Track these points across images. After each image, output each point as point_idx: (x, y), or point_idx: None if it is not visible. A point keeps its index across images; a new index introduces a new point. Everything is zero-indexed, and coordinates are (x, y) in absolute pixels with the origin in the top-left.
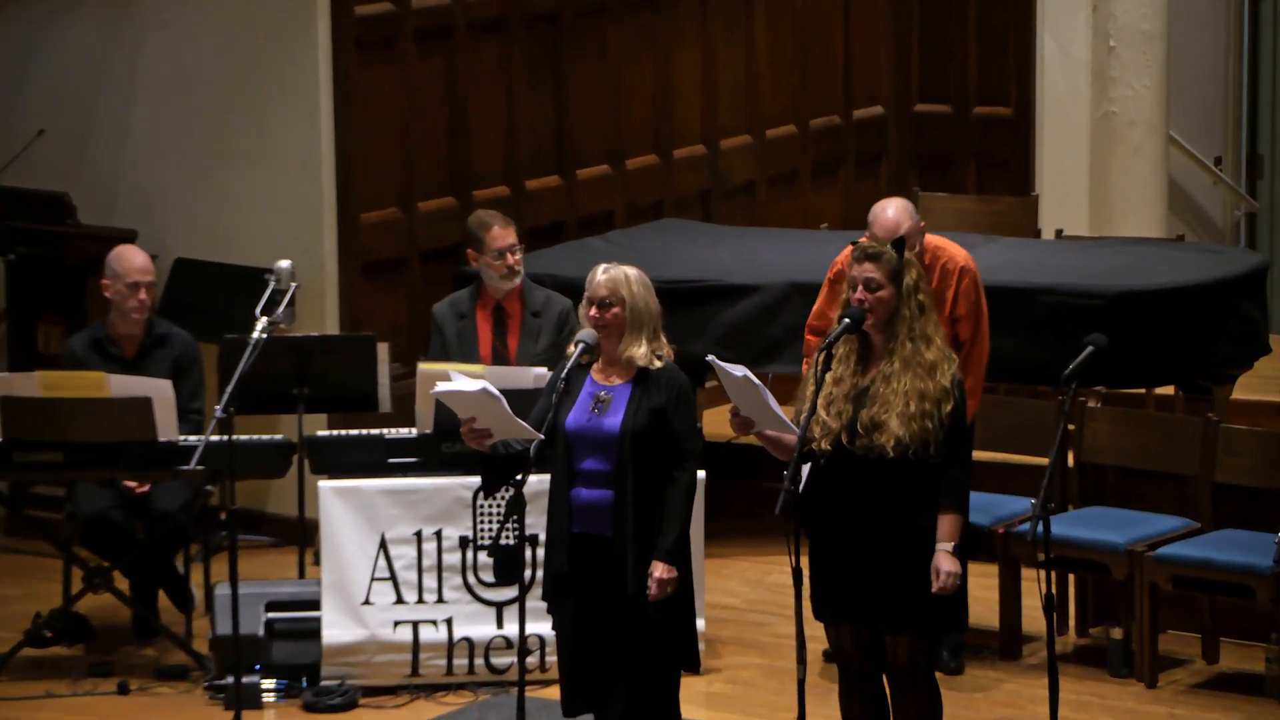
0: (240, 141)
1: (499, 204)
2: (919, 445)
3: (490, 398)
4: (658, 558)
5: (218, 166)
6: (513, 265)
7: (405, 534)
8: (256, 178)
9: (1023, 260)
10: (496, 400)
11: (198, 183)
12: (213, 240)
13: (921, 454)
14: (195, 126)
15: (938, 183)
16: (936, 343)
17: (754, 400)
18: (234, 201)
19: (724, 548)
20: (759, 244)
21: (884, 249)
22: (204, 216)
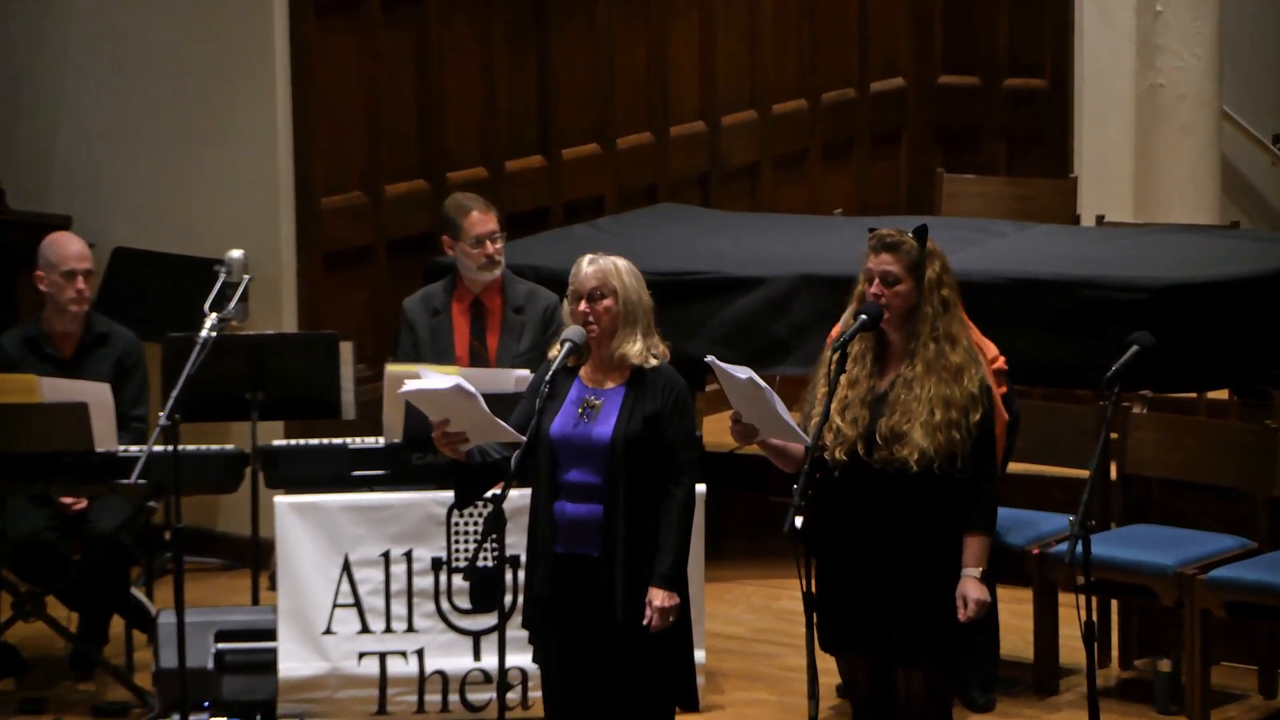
0: (186, 118)
1: (475, 187)
2: (945, 459)
3: (465, 396)
4: (656, 584)
5: (161, 146)
6: (493, 254)
7: (371, 555)
8: (205, 158)
9: (1059, 250)
10: (472, 399)
11: (139, 164)
12: (156, 227)
13: (947, 468)
14: (136, 102)
15: (964, 163)
16: (962, 344)
17: (758, 406)
18: (179, 185)
19: (726, 570)
20: (763, 232)
21: (903, 237)
22: (146, 201)
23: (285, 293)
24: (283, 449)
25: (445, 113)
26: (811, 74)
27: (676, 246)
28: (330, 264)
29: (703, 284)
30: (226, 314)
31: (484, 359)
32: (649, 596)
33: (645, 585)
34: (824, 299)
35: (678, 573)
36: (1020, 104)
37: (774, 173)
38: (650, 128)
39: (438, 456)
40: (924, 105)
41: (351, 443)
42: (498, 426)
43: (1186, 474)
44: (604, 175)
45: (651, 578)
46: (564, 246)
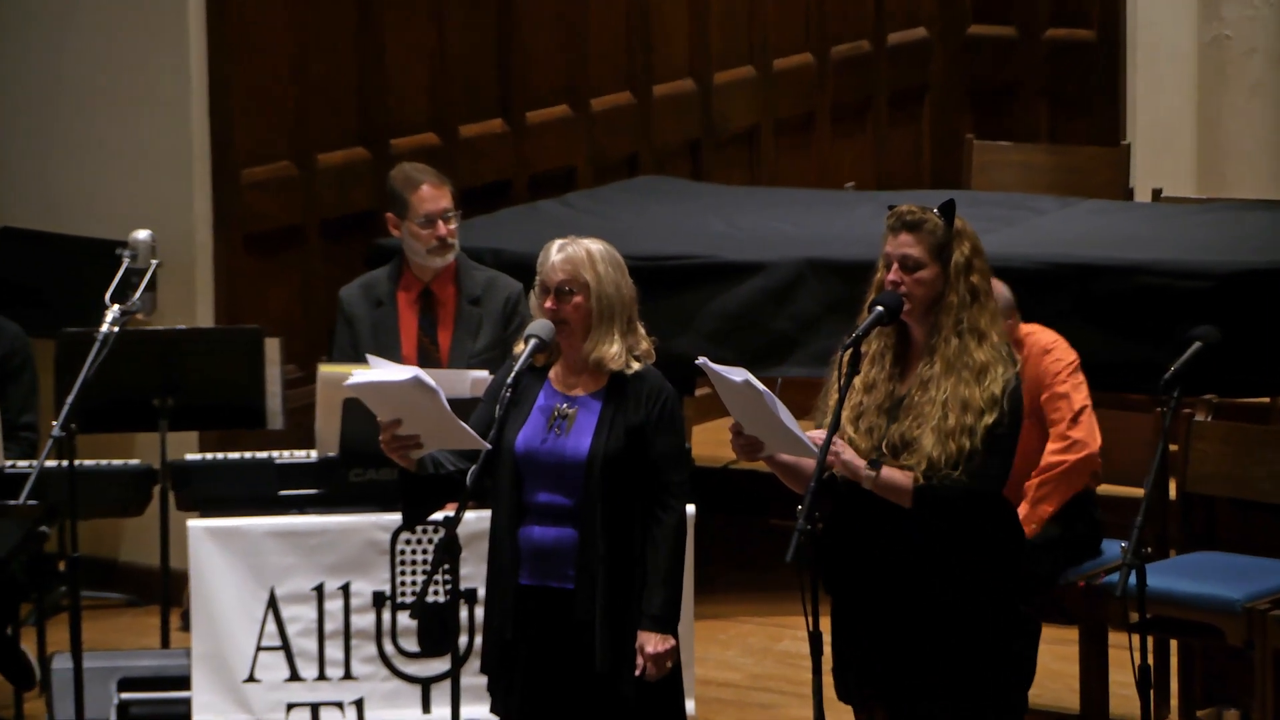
0: (84, 77)
1: (425, 157)
2: (954, 469)
3: (424, 392)
4: (646, 626)
5: (54, 109)
6: (445, 236)
7: (302, 589)
8: (105, 124)
9: (1109, 230)
10: (433, 396)
11: (28, 131)
12: (48, 205)
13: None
14: (24, 58)
15: (998, 128)
16: (992, 338)
17: (760, 414)
18: (75, 153)
19: (719, 606)
20: (764, 209)
21: (927, 215)
22: (35, 172)
23: (200, 280)
24: (197, 464)
25: (389, 68)
26: (819, 24)
27: (661, 226)
28: (253, 247)
29: (691, 271)
30: (131, 305)
31: (435, 358)
32: (640, 642)
33: (628, 626)
34: (834, 288)
35: (670, 612)
36: (1064, 59)
37: (776, 140)
38: (630, 87)
39: (379, 473)
40: (951, 61)
41: (278, 457)
42: (459, 430)
43: (1258, 493)
44: (576, 142)
45: (639, 619)
46: (529, 227)
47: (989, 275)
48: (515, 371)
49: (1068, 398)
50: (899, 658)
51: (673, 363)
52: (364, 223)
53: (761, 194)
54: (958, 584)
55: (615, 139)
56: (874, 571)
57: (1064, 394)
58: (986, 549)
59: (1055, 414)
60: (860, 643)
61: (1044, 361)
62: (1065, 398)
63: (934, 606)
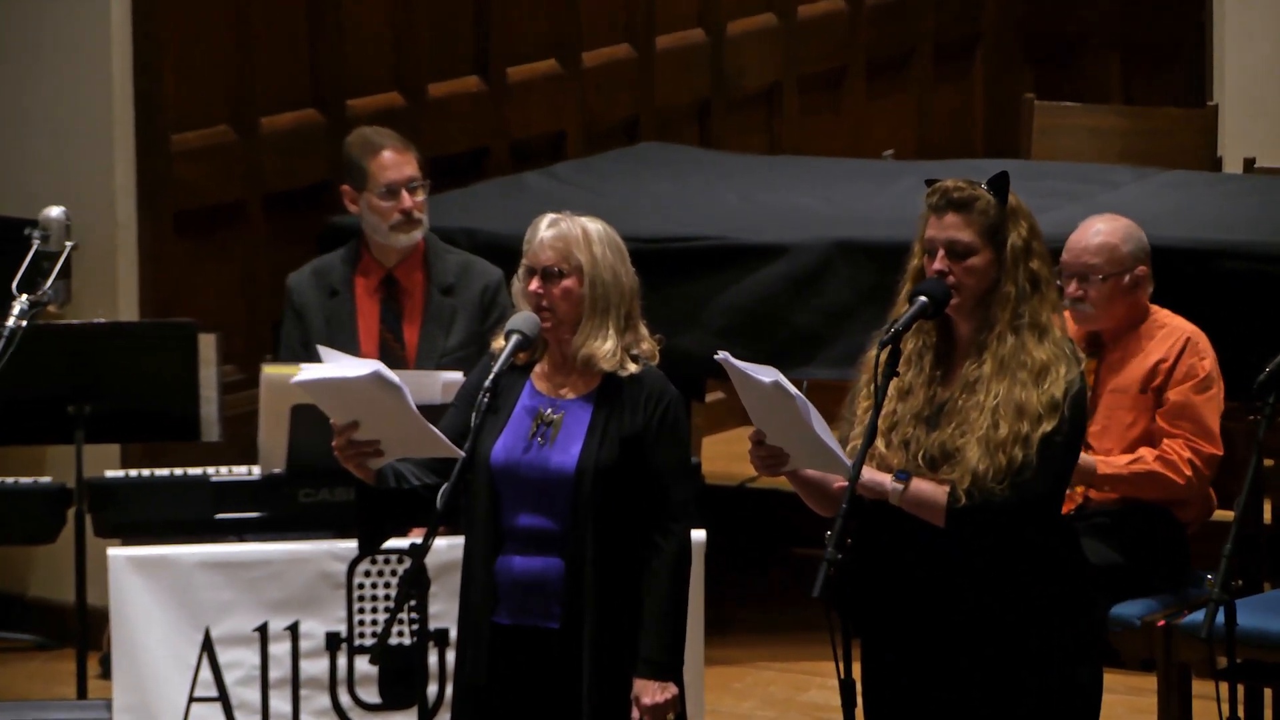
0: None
1: (388, 120)
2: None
3: (386, 389)
4: (644, 673)
5: None
6: (410, 209)
7: (242, 629)
8: (9, 81)
9: (1193, 206)
10: (395, 394)
11: None
12: None
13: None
14: None
15: (1062, 86)
16: (1053, 334)
17: (790, 422)
18: None
19: (734, 649)
20: (786, 182)
21: (977, 191)
22: None
23: (123, 266)
24: (119, 483)
25: (345, 16)
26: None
27: (664, 202)
28: (185, 226)
29: (700, 254)
30: (41, 295)
31: (400, 357)
32: (635, 691)
33: (622, 673)
34: (867, 275)
35: (672, 656)
36: (1139, 4)
37: (800, 100)
38: (629, 38)
39: (334, 493)
40: (1007, 7)
41: (215, 474)
42: (427, 434)
43: None
44: (565, 104)
45: (636, 664)
46: (510, 203)
47: (1049, 260)
48: (494, 372)
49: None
50: (945, 702)
51: (678, 363)
52: (316, 197)
53: (783, 164)
54: (1009, 603)
55: (611, 100)
56: (909, 600)
57: (1196, 404)
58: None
59: (1177, 422)
60: (899, 685)
61: (1188, 346)
62: (1196, 410)
63: (983, 633)
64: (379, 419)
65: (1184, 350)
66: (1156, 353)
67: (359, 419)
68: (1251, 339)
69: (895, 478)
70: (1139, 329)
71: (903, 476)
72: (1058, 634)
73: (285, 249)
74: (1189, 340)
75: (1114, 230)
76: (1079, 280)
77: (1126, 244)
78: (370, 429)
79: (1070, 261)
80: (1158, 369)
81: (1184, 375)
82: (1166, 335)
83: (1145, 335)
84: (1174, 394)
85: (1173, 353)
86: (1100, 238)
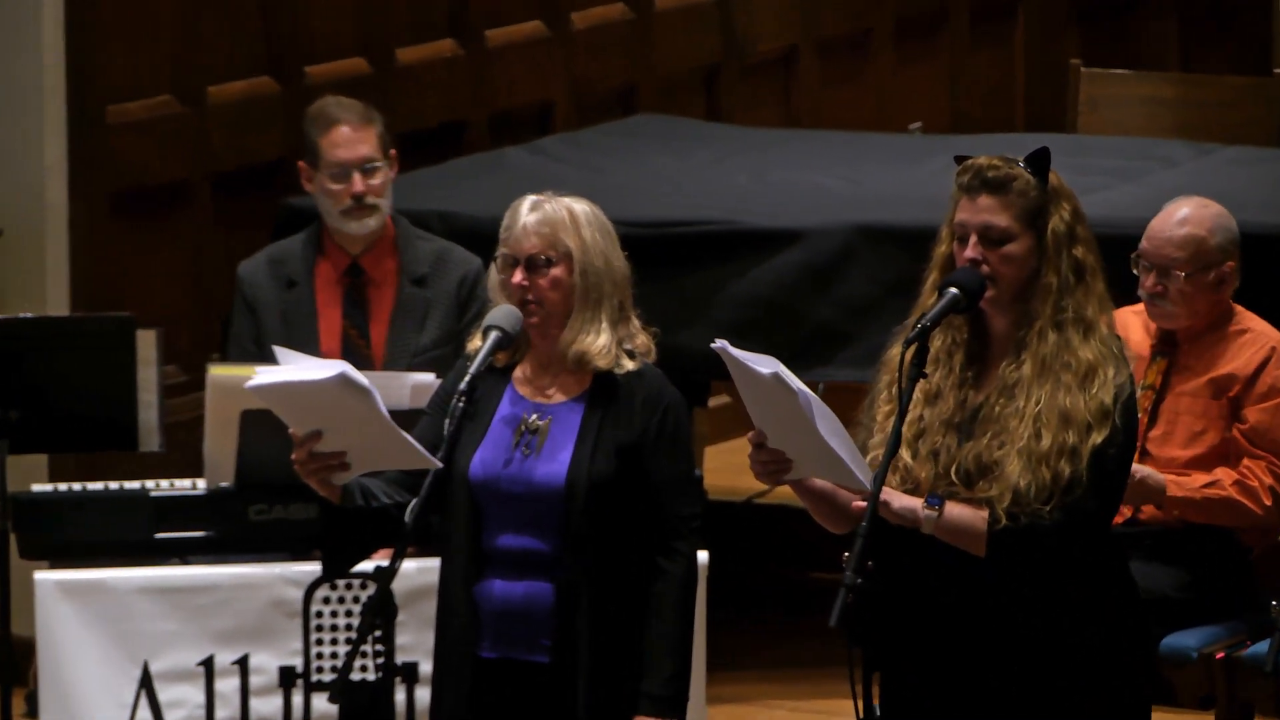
0: None
1: (351, 90)
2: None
3: (353, 393)
4: (646, 710)
5: None
6: (362, 194)
7: (186, 663)
8: None
9: (1259, 186)
10: (364, 396)
11: None
12: None
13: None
14: None
15: (1113, 51)
16: (1100, 330)
17: (792, 422)
18: None
19: (742, 685)
20: (802, 159)
21: (1015, 170)
22: None
23: (52, 253)
24: (48, 498)
25: None
26: None
27: (665, 182)
28: (124, 209)
29: (706, 241)
30: None
31: (366, 356)
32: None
33: (621, 711)
34: (893, 264)
35: (677, 691)
36: None
37: (819, 66)
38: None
39: (289, 509)
40: None
41: (155, 488)
42: (401, 444)
43: None
44: (552, 71)
45: (637, 701)
46: (490, 183)
47: (1095, 247)
48: (471, 374)
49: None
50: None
51: (679, 363)
52: (270, 176)
53: (799, 138)
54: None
55: (605, 66)
56: (936, 630)
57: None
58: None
59: (1259, 444)
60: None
61: (1274, 357)
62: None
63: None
64: (345, 428)
65: (1268, 361)
66: (1237, 360)
67: (322, 428)
68: None
69: (927, 503)
70: (1220, 331)
71: (935, 501)
72: (1104, 667)
73: (236, 234)
74: (1275, 350)
75: (1202, 219)
76: (1159, 274)
77: (1215, 235)
78: (335, 439)
79: (1150, 252)
80: (1236, 378)
81: (1267, 390)
82: (1250, 341)
83: (1227, 338)
84: (1256, 412)
85: (1254, 362)
86: (1186, 228)
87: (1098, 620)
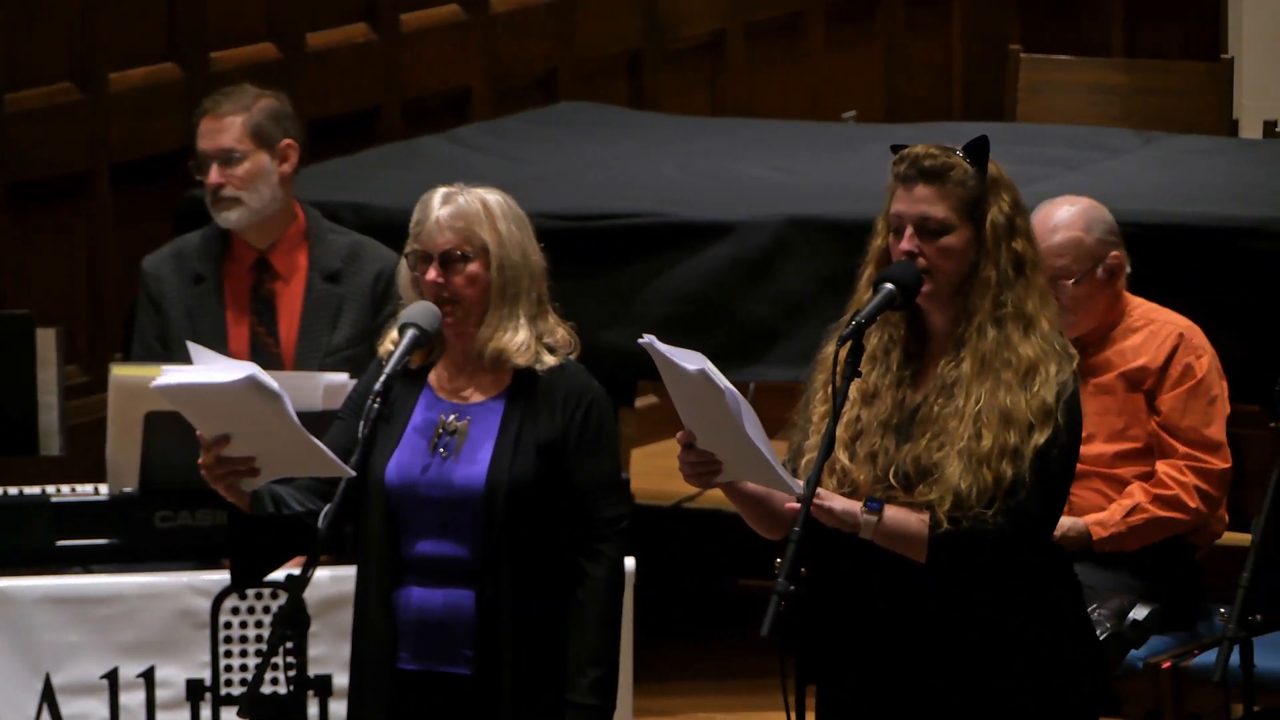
0: None
1: (258, 76)
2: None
3: (262, 397)
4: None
5: None
6: (219, 186)
7: (89, 676)
8: None
9: (1207, 176)
10: (274, 400)
11: None
12: None
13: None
14: None
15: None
16: (1041, 326)
17: (720, 423)
18: None
19: (670, 697)
20: (732, 148)
21: (953, 159)
22: None
23: None
24: None
25: None
26: None
27: (589, 172)
28: (19, 201)
29: (632, 234)
30: None
31: (274, 355)
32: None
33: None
34: (828, 258)
35: (604, 700)
36: None
37: (748, 50)
38: None
39: (196, 515)
40: None
41: (55, 494)
42: (311, 450)
43: None
44: (470, 55)
45: (563, 710)
46: (406, 173)
47: (1035, 241)
48: (386, 374)
49: (1199, 427)
50: None
51: (604, 362)
52: (173, 167)
53: (729, 126)
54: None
55: (524, 50)
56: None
57: (1195, 413)
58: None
59: (1175, 438)
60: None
61: (1182, 343)
62: (1194, 420)
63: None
64: (254, 432)
65: (1176, 349)
66: (1146, 352)
67: (230, 432)
68: (1276, 331)
69: (866, 507)
70: (1124, 324)
71: (874, 505)
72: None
73: (137, 228)
74: (1181, 336)
75: (1074, 220)
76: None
77: (1093, 231)
78: (244, 444)
79: None
80: (1149, 370)
81: (1179, 377)
82: (1156, 331)
83: (1133, 331)
84: (1169, 400)
85: (1164, 352)
86: (1061, 234)
87: (1042, 624)
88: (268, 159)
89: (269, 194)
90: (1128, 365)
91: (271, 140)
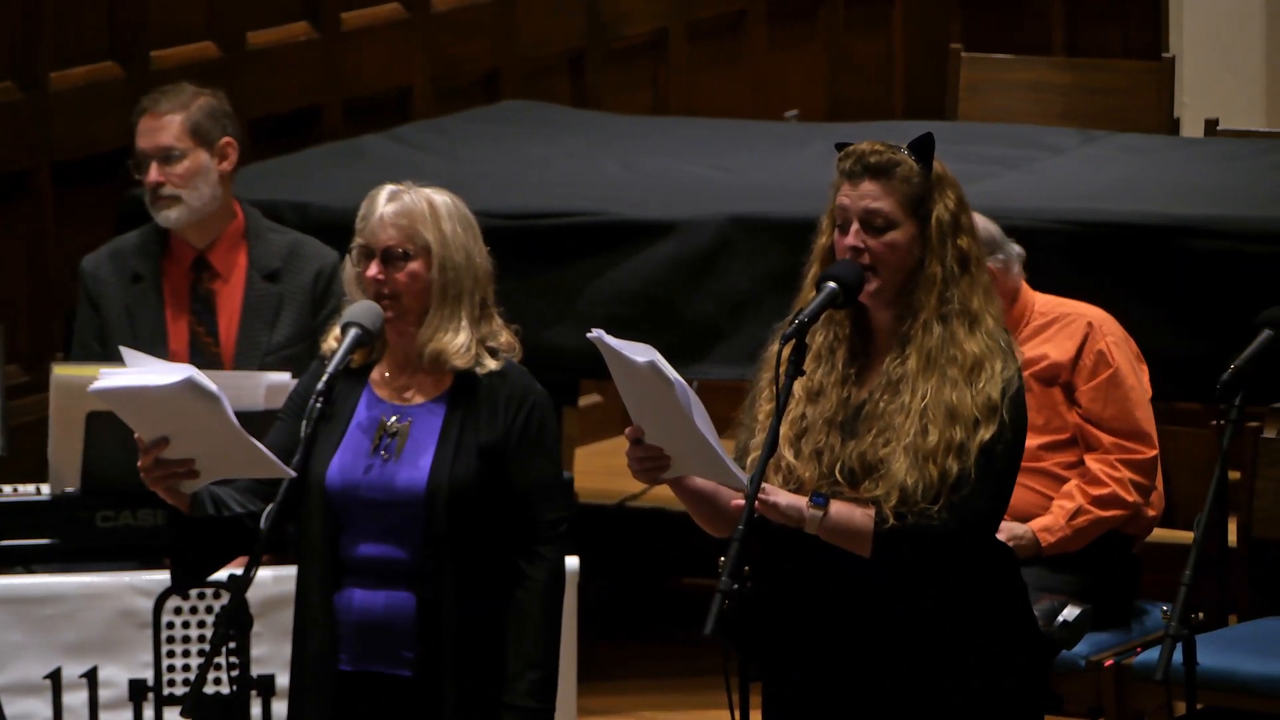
0: None
1: (201, 75)
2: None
3: (201, 397)
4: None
5: None
6: (158, 185)
7: (31, 676)
8: None
9: (1147, 175)
10: (213, 402)
11: None
12: None
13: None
14: None
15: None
16: (986, 323)
17: (669, 417)
18: None
19: (613, 696)
20: (674, 147)
21: (897, 156)
22: None
23: None
24: None
25: None
26: None
27: (532, 171)
28: None
29: (574, 233)
30: None
31: (213, 355)
32: None
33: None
34: (771, 257)
35: (544, 702)
36: None
37: (690, 50)
38: None
39: (138, 515)
40: None
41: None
42: (251, 451)
43: None
44: (411, 54)
45: (502, 712)
46: (347, 172)
47: (979, 237)
48: (328, 374)
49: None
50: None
51: (547, 361)
52: (114, 166)
53: (671, 126)
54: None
55: (466, 49)
56: (818, 636)
57: (1116, 402)
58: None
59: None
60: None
61: (1091, 332)
62: (1116, 409)
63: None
64: (193, 434)
65: (1086, 338)
66: (1056, 347)
67: (169, 434)
68: (1216, 329)
69: (812, 502)
70: (1027, 323)
71: (820, 500)
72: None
73: (78, 227)
74: (1090, 325)
75: None
76: None
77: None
78: (183, 446)
79: None
80: (1061, 364)
81: (1093, 367)
82: (1063, 325)
83: (1038, 330)
84: (1088, 392)
85: (1074, 345)
86: None
87: (987, 620)
88: (207, 157)
89: (208, 192)
90: (1038, 365)
91: (210, 138)
